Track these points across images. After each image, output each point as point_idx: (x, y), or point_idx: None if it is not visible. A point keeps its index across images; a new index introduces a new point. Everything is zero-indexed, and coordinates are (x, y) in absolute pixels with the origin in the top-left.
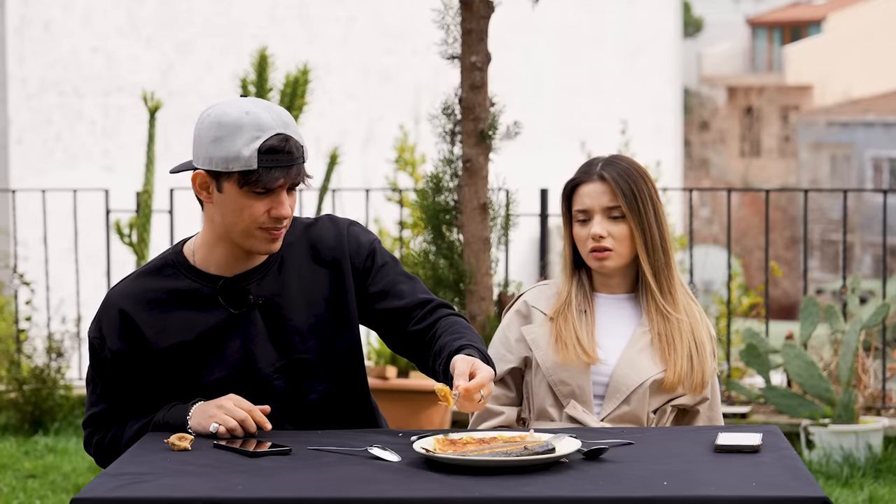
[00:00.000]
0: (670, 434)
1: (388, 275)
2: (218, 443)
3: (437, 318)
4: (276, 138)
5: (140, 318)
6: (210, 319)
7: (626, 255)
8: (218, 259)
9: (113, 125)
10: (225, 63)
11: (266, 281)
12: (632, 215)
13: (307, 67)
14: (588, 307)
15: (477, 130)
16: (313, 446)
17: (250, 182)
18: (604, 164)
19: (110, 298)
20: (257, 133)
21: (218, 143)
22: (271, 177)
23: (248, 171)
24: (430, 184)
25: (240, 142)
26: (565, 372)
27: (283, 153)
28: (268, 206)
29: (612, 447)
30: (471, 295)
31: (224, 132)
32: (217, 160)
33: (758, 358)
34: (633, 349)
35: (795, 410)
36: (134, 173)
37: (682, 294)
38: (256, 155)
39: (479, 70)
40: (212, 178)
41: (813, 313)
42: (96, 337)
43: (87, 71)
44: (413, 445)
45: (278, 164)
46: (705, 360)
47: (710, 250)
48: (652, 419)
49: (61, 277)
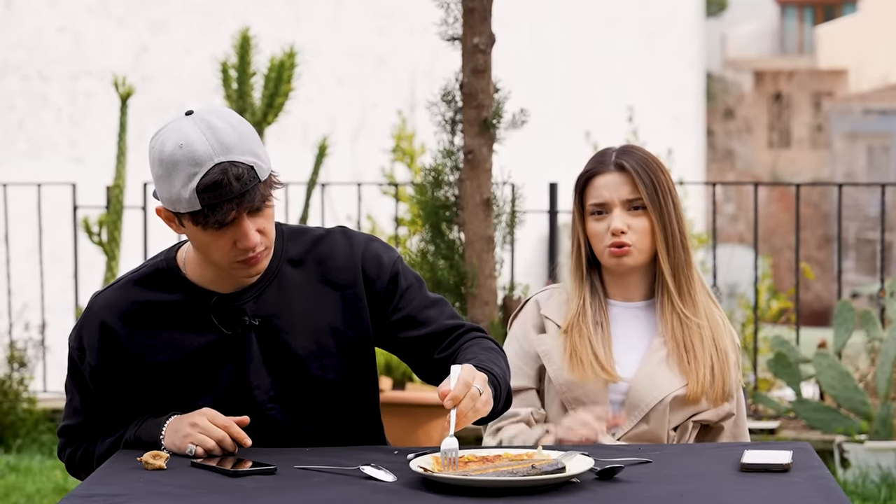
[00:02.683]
0: (692, 451)
1: (412, 299)
2: (195, 461)
3: (460, 343)
4: (213, 172)
5: (123, 332)
6: (200, 340)
7: (646, 252)
8: (210, 276)
9: (81, 113)
10: (204, 45)
11: (264, 299)
12: (653, 208)
13: (294, 50)
14: (604, 318)
15: (479, 119)
16: (300, 465)
17: (200, 222)
18: (619, 153)
19: (93, 307)
20: (193, 169)
21: (161, 182)
22: (220, 214)
23: (194, 212)
24: (429, 177)
25: (178, 183)
26: (580, 389)
27: (223, 187)
28: (231, 238)
29: (627, 466)
30: (473, 299)
31: (163, 171)
32: (165, 201)
33: (787, 368)
34: (651, 362)
35: (829, 426)
36: (104, 165)
37: (702, 296)
38: (196, 195)
39: (481, 52)
40: (172, 213)
41: (848, 319)
42: (75, 348)
43: (52, 53)
44: (410, 464)
45: (223, 198)
46: (727, 368)
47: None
48: (672, 437)
49: (24, 280)
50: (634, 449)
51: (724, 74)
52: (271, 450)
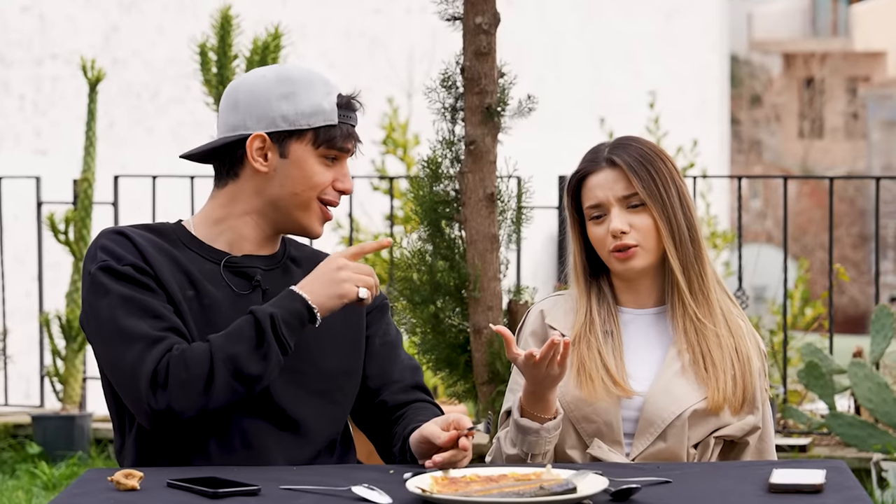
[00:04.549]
0: (715, 470)
1: (389, 334)
2: (172, 481)
3: (413, 399)
4: (345, 96)
5: (148, 252)
6: (214, 291)
7: (655, 252)
8: (225, 238)
9: (46, 100)
10: (180, 25)
11: (271, 275)
12: (653, 202)
13: (279, 30)
14: (614, 326)
15: (482, 106)
16: (286, 485)
17: (329, 140)
18: (611, 148)
19: (108, 233)
20: (327, 88)
21: (291, 98)
22: (347, 135)
23: (328, 126)
24: (427, 170)
25: (317, 94)
26: (589, 407)
27: (355, 111)
28: (334, 175)
29: (644, 486)
30: (475, 303)
31: (296, 87)
32: (292, 117)
33: (820, 379)
34: (667, 374)
35: (865, 442)
36: (71, 157)
37: (719, 294)
38: (336, 109)
39: (485, 33)
40: (275, 142)
41: (886, 326)
42: (107, 259)
43: (14, 35)
44: (406, 484)
45: (351, 121)
46: (750, 374)
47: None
48: (693, 455)
49: None
50: (652, 468)
51: (750, 57)
52: (254, 468)
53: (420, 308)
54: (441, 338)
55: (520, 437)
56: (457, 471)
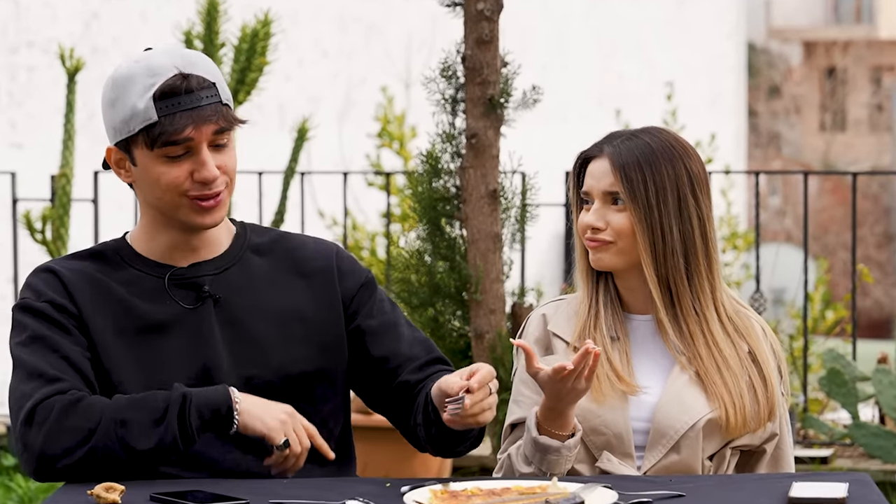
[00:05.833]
0: (731, 483)
1: (385, 311)
2: (155, 494)
3: (432, 372)
4: (172, 79)
5: (76, 287)
6: (157, 313)
7: (633, 255)
8: (162, 248)
9: (21, 90)
10: (164, 11)
11: (224, 278)
12: (634, 205)
13: (269, 17)
14: (621, 331)
15: (485, 97)
16: (276, 499)
17: (156, 139)
18: (615, 138)
19: (37, 271)
20: (151, 80)
21: (115, 105)
22: (176, 125)
23: (149, 125)
24: (426, 165)
25: (133, 95)
26: (598, 418)
27: (184, 94)
28: (189, 169)
29: (657, 501)
30: (477, 306)
31: (117, 91)
32: (118, 126)
33: (843, 387)
34: (678, 383)
35: (890, 454)
36: (48, 152)
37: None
38: (153, 104)
39: (487, 20)
40: (123, 151)
41: None
42: (27, 297)
43: None
44: (404, 498)
45: (181, 107)
46: (771, 382)
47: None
48: (708, 468)
49: None
50: (664, 481)
51: (768, 46)
52: (242, 481)
53: (418, 311)
54: (441, 342)
55: (538, 456)
56: (457, 484)
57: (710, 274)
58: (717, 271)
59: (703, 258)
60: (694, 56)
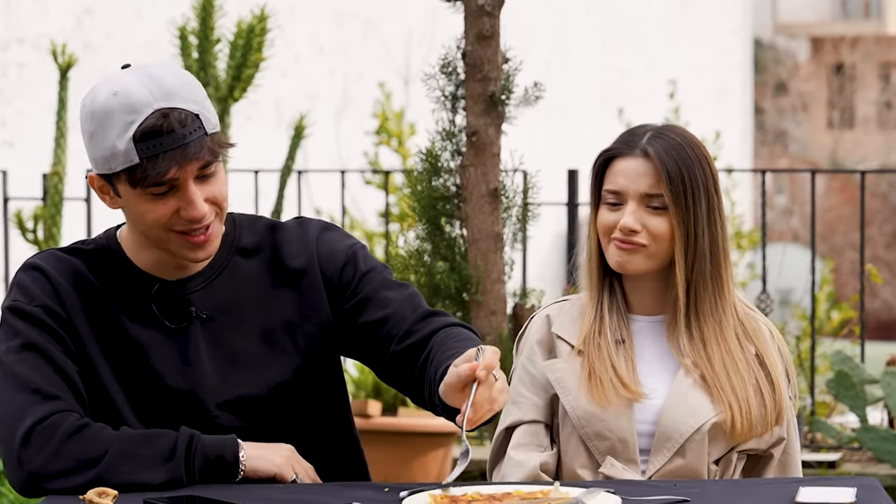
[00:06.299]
0: (737, 488)
1: (371, 282)
2: (149, 500)
3: (431, 330)
4: (152, 118)
5: (65, 292)
6: (140, 332)
7: (660, 259)
8: (150, 260)
9: (12, 87)
10: (158, 7)
11: (213, 291)
12: (676, 209)
13: (265, 13)
14: (626, 334)
15: (486, 94)
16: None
17: (139, 181)
18: (652, 136)
19: (26, 268)
20: (130, 118)
21: (93, 139)
22: (159, 168)
23: (131, 167)
24: (425, 163)
25: (112, 134)
26: (602, 422)
27: (164, 134)
28: (175, 206)
29: None
30: (478, 308)
31: (96, 125)
32: (99, 161)
33: (851, 390)
34: (682, 386)
35: None
36: (40, 150)
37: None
38: (133, 145)
39: (488, 15)
40: (105, 180)
41: None
42: (18, 300)
43: None
44: (403, 503)
45: (163, 147)
46: (779, 385)
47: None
48: (714, 472)
49: None
50: (668, 486)
51: (774, 42)
52: (239, 486)
53: None
54: None
55: None
56: (457, 489)
57: (728, 277)
58: (732, 274)
59: (724, 261)
60: (699, 53)
